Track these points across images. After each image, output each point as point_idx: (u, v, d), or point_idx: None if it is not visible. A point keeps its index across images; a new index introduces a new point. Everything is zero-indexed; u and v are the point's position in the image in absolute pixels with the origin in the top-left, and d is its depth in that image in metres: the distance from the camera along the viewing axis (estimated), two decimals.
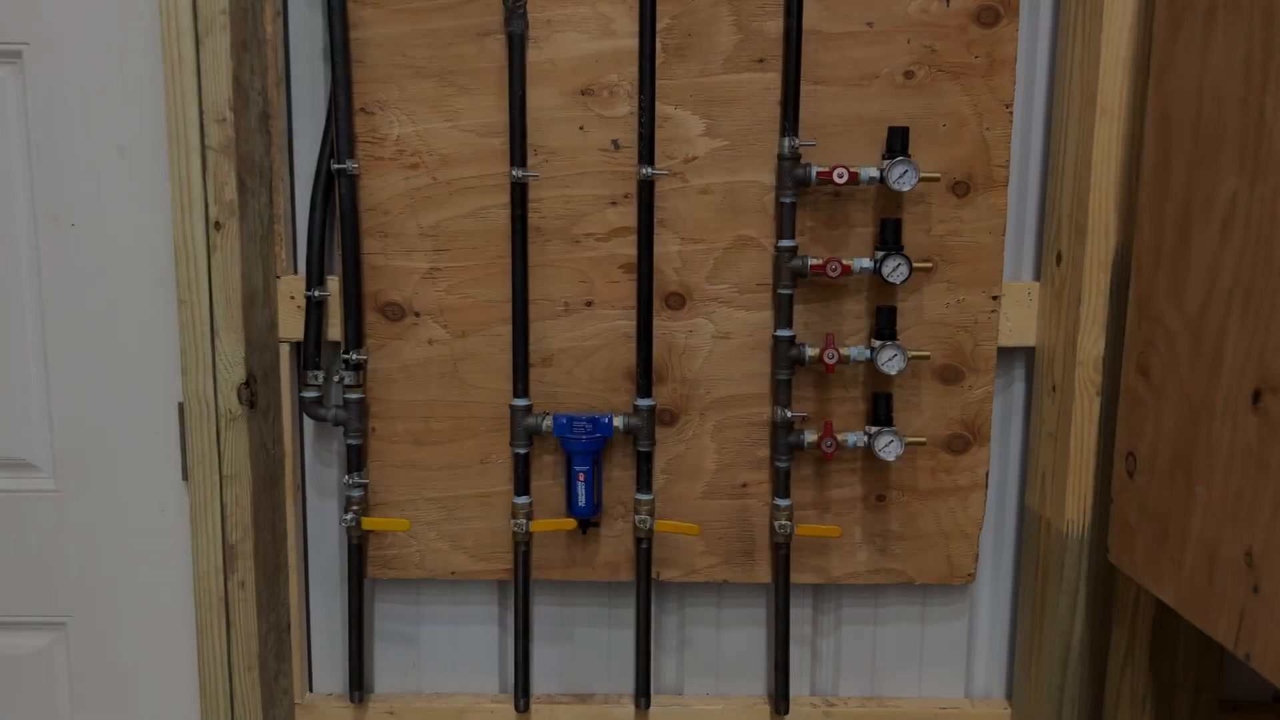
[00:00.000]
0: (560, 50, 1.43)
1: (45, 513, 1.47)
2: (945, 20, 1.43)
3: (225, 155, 1.34)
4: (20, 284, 1.42)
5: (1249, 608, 1.05)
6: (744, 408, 1.51)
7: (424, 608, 1.62)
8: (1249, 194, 1.06)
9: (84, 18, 1.36)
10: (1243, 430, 1.06)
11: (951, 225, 1.47)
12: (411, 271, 1.47)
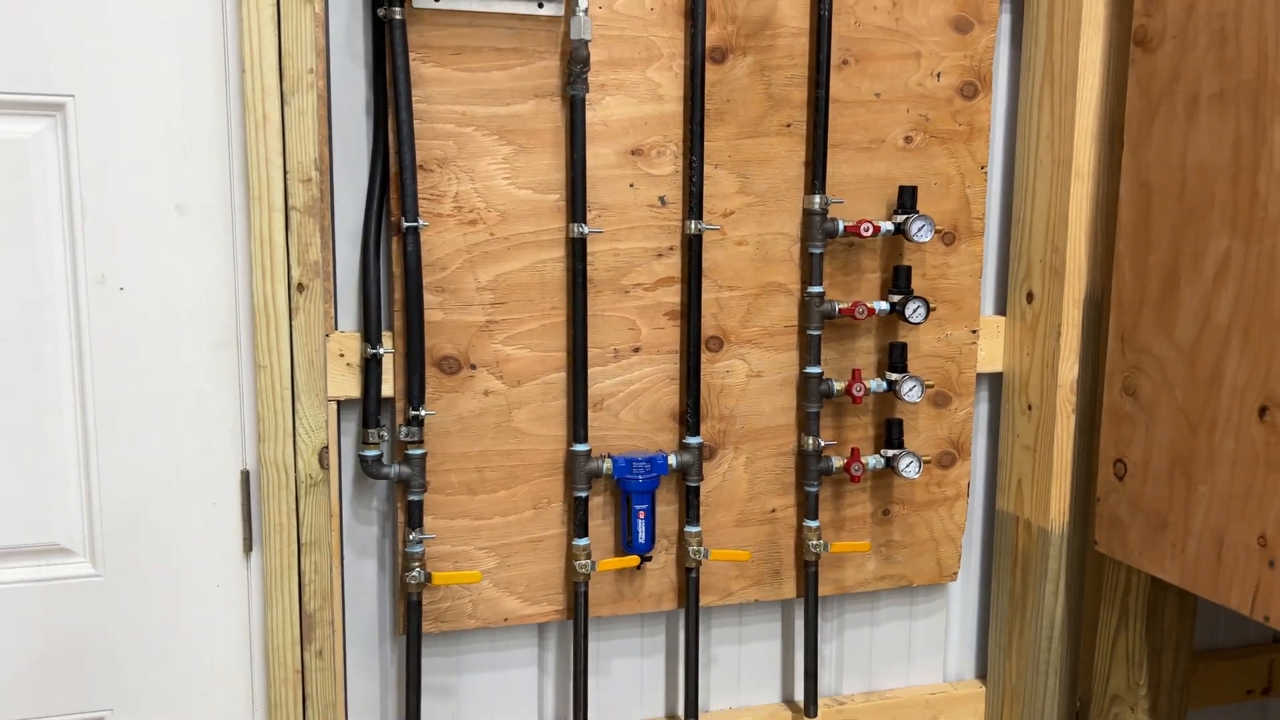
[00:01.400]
0: (613, 112, 1.51)
1: (82, 599, 1.35)
2: (937, 93, 1.64)
3: (310, 216, 1.31)
4: (56, 351, 1.30)
5: (1264, 580, 1.32)
6: (773, 439, 1.65)
7: (464, 657, 1.62)
8: (1244, 251, 1.34)
9: (138, 67, 1.28)
10: (1247, 439, 1.34)
11: (941, 270, 1.69)
12: (469, 325, 1.49)
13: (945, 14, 1.63)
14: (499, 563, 1.56)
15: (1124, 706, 1.64)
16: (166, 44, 1.29)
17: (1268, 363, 1.31)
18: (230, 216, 1.33)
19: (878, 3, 1.59)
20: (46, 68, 1.26)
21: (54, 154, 1.27)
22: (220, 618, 1.40)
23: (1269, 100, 1.30)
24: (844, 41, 1.58)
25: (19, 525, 1.32)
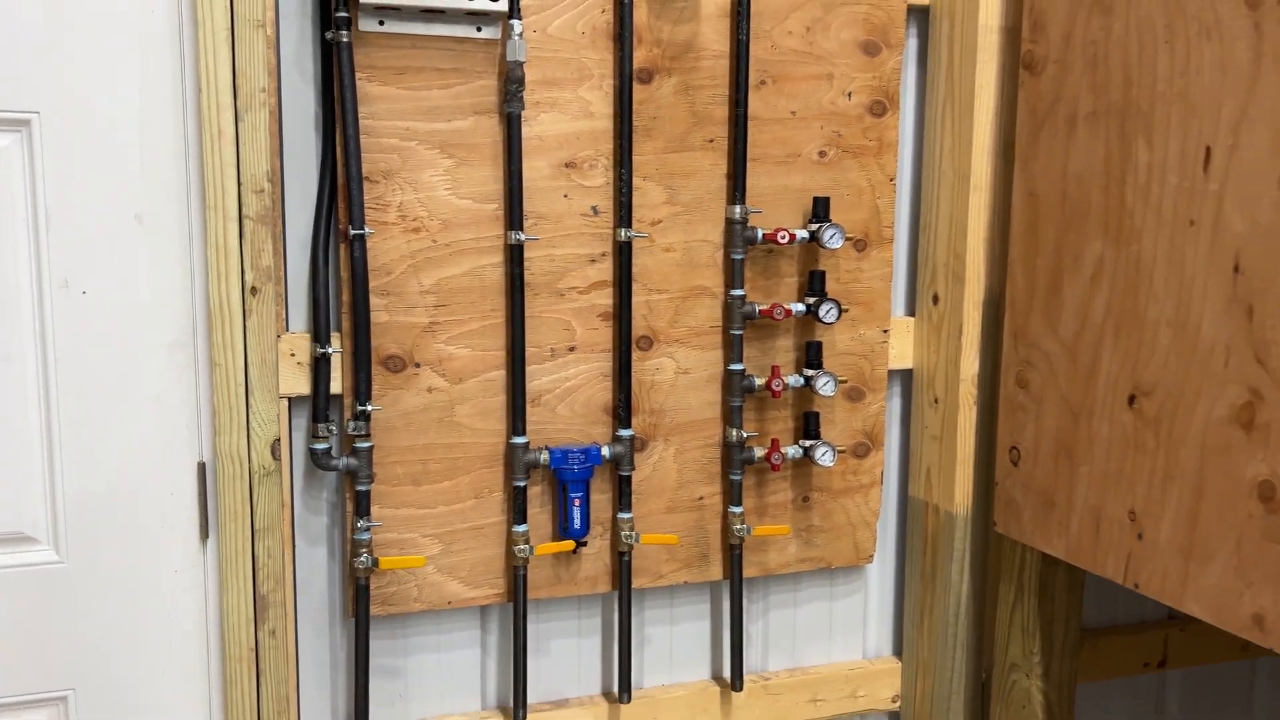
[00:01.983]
0: (547, 128, 1.62)
1: (47, 586, 1.44)
2: (848, 111, 1.78)
3: (262, 224, 1.41)
4: (22, 352, 1.39)
5: (1136, 552, 1.47)
6: (700, 431, 1.78)
7: (410, 639, 1.72)
8: (1115, 255, 1.49)
9: (100, 86, 1.37)
10: (1119, 424, 1.49)
11: (854, 274, 1.83)
12: (413, 326, 1.60)
13: (855, 38, 1.77)
14: (443, 549, 1.66)
15: (1020, 674, 1.79)
16: (127, 64, 1.38)
17: (1135, 355, 1.46)
18: (187, 225, 1.43)
19: (792, 28, 1.73)
20: (13, 86, 1.34)
21: (20, 167, 1.36)
22: (178, 601, 1.49)
23: (1133, 120, 1.45)
24: (762, 64, 1.71)
25: None
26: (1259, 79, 1.27)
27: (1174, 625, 2.19)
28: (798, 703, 1.92)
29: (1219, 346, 1.33)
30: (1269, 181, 1.26)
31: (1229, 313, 1.32)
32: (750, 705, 1.89)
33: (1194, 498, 1.37)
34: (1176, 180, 1.39)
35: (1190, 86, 1.37)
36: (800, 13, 1.73)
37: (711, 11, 1.68)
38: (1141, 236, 1.45)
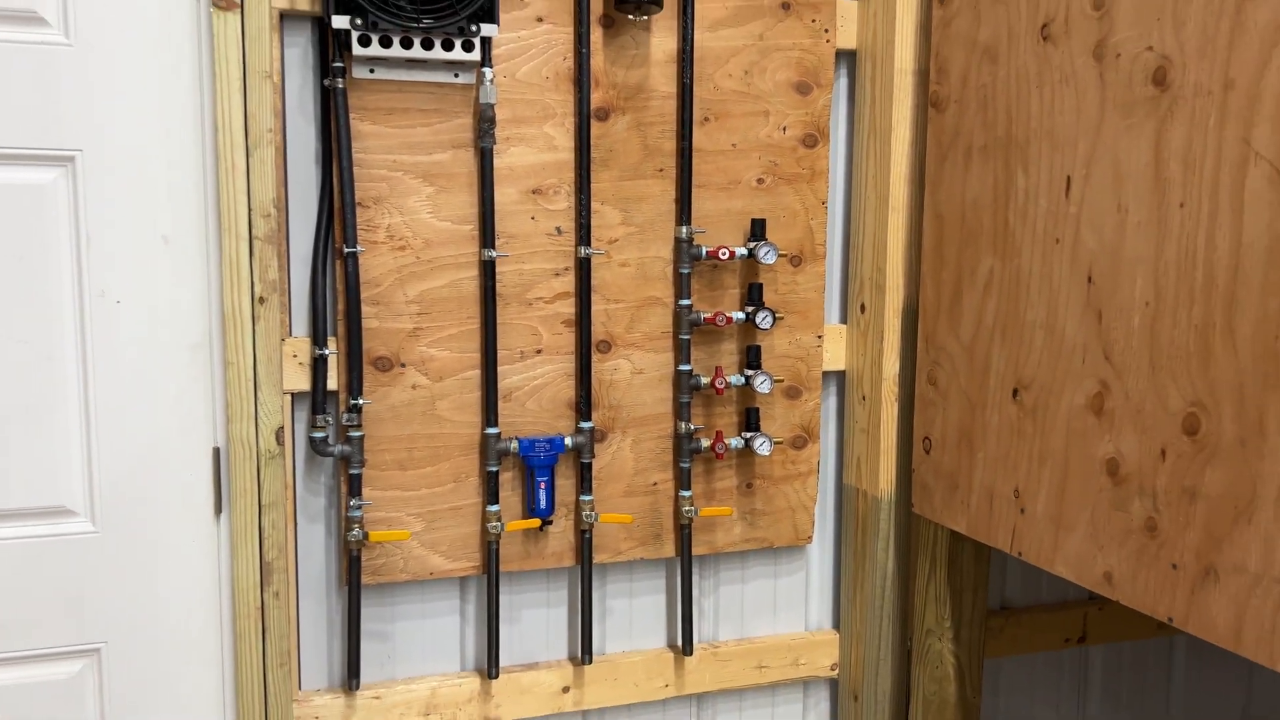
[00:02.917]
0: (516, 160, 1.87)
1: (82, 552, 1.68)
2: (783, 143, 2.03)
3: (269, 243, 1.66)
4: (64, 352, 1.64)
5: (1019, 525, 1.70)
6: (653, 424, 2.02)
7: (397, 607, 1.96)
8: (1001, 268, 1.73)
9: (133, 127, 1.63)
10: (1005, 415, 1.72)
11: (791, 287, 2.07)
12: (399, 331, 1.84)
13: (789, 79, 2.01)
14: (425, 526, 1.90)
15: (934, 639, 2.02)
16: (156, 109, 1.64)
17: (1017, 354, 1.70)
18: (205, 244, 1.68)
19: (732, 71, 1.98)
20: (60, 129, 1.60)
21: (65, 196, 1.61)
22: (195, 566, 1.74)
23: (1014, 152, 1.70)
24: (705, 103, 1.96)
25: (33, 491, 1.64)
26: (1104, 120, 1.51)
27: (1093, 605, 2.42)
28: (745, 669, 2.15)
29: (1078, 345, 1.57)
30: (1111, 206, 1.50)
31: (1084, 317, 1.56)
32: (701, 670, 2.12)
33: (1061, 475, 1.61)
34: (1046, 204, 1.63)
35: (1055, 125, 1.61)
36: (739, 58, 1.98)
37: (660, 58, 1.93)
38: (1021, 252, 1.69)
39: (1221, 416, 1.33)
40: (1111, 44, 1.50)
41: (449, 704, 1.96)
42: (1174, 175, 1.40)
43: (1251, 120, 1.28)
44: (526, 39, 1.85)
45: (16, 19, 1.56)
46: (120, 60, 1.61)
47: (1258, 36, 1.28)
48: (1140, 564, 1.47)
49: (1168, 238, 1.41)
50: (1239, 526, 1.31)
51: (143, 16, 1.61)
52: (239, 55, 1.62)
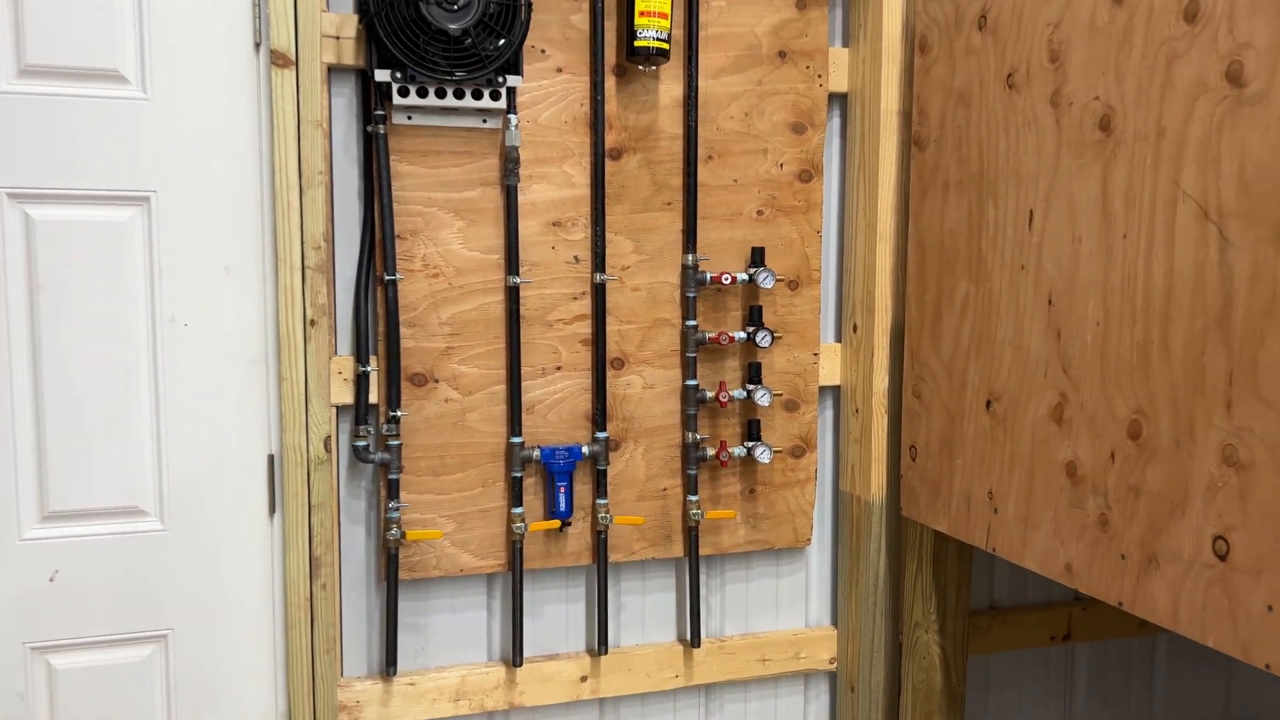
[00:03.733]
0: (538, 195, 2.08)
1: (152, 548, 1.88)
2: (780, 178, 2.22)
3: (319, 272, 1.87)
4: (139, 369, 1.85)
5: (993, 524, 1.88)
6: (663, 435, 2.21)
7: (430, 602, 2.15)
8: (975, 292, 1.92)
9: (200, 171, 1.84)
10: (980, 424, 1.91)
11: (789, 309, 2.26)
12: (433, 350, 2.05)
13: (785, 120, 2.21)
14: (456, 527, 2.10)
15: (922, 631, 2.19)
16: (220, 154, 1.85)
17: (990, 369, 1.88)
18: (262, 273, 1.89)
19: (733, 113, 2.18)
20: (136, 173, 1.81)
21: (141, 231, 1.83)
22: (252, 561, 1.94)
23: (985, 187, 1.89)
24: (708, 142, 2.16)
25: (110, 492, 1.85)
26: (1060, 160, 1.70)
27: (1077, 605, 2.58)
28: (749, 661, 2.33)
29: (1041, 361, 1.75)
30: (1067, 237, 1.69)
31: (1046, 335, 1.74)
32: (709, 662, 2.30)
33: (1028, 478, 1.79)
34: (1012, 234, 1.82)
35: (1019, 163, 1.80)
36: (739, 101, 2.18)
37: (668, 103, 2.13)
38: (992, 277, 1.87)
39: (1159, 422, 1.51)
40: (1065, 93, 1.69)
41: (477, 691, 2.14)
42: (1118, 210, 1.59)
43: (1180, 163, 1.47)
44: (547, 87, 2.06)
45: (102, 77, 1.78)
46: (190, 112, 1.83)
47: (1184, 90, 1.46)
48: (1095, 555, 1.64)
49: (1113, 265, 1.60)
50: (1174, 519, 1.49)
51: (210, 73, 1.83)
52: (294, 107, 1.84)
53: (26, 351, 1.79)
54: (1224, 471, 1.41)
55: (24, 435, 1.80)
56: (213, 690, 1.94)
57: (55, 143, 1.77)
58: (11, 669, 1.83)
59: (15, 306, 1.78)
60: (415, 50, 1.87)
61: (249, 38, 1.85)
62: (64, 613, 1.85)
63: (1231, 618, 1.40)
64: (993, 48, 1.86)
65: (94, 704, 1.88)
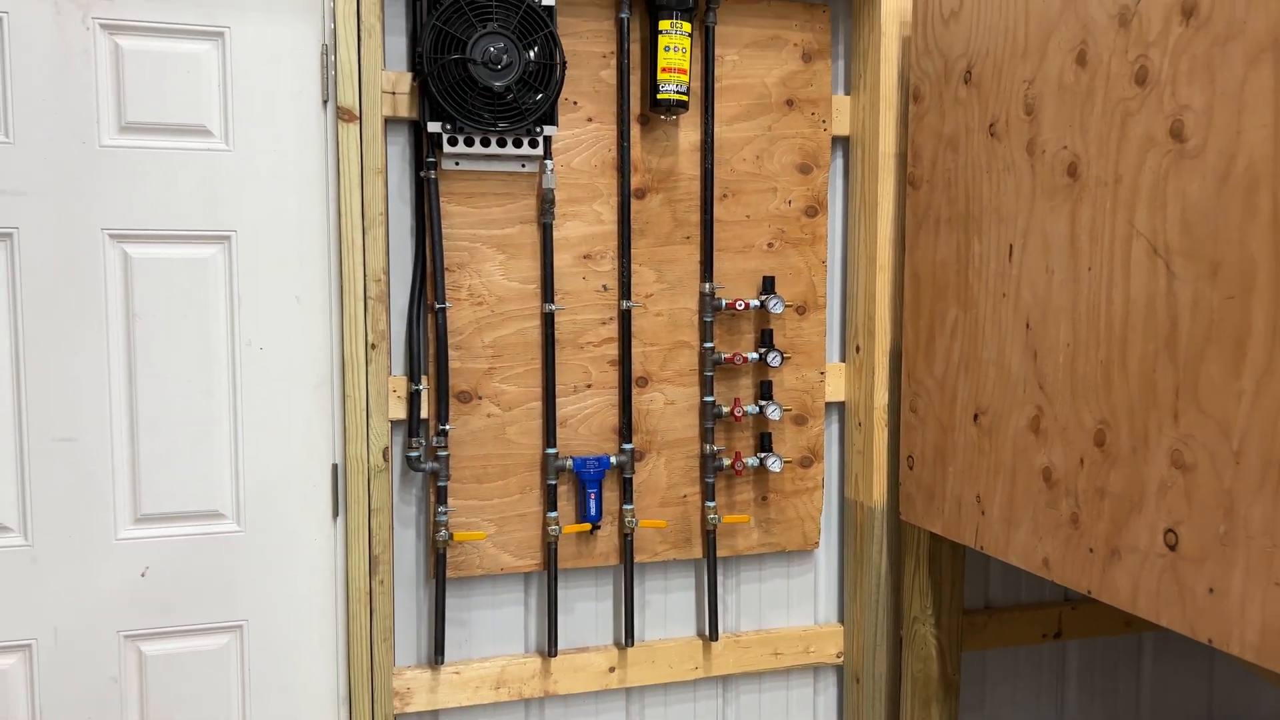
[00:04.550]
0: (571, 231, 2.32)
1: (230, 547, 2.12)
2: (789, 214, 2.46)
3: (380, 302, 2.11)
4: (220, 388, 2.09)
5: (980, 524, 2.10)
6: (683, 447, 2.43)
7: (473, 598, 2.38)
8: (964, 317, 2.14)
9: (275, 213, 2.09)
10: (969, 435, 2.13)
11: (797, 331, 2.49)
12: (477, 370, 2.28)
13: (793, 161, 2.45)
14: (497, 529, 2.32)
15: (920, 625, 2.40)
16: (292, 199, 2.10)
17: (976, 386, 2.10)
18: (329, 303, 2.13)
19: (746, 156, 2.41)
20: (220, 214, 2.06)
21: (223, 266, 2.07)
22: (317, 560, 2.17)
23: (971, 224, 2.11)
24: (723, 183, 2.40)
25: (194, 497, 2.09)
26: (1035, 202, 1.93)
27: (1067, 605, 2.78)
28: (763, 655, 2.55)
29: (1020, 378, 1.97)
30: (1042, 269, 1.91)
31: (1024, 355, 1.96)
32: (725, 655, 2.52)
33: (1010, 483, 2.01)
34: (995, 266, 2.05)
35: (1000, 203, 2.03)
36: (751, 145, 2.41)
37: (686, 147, 2.37)
38: (978, 304, 2.10)
39: (1120, 432, 1.73)
40: (1039, 142, 1.92)
41: (515, 679, 2.37)
42: (1084, 246, 1.81)
43: (1134, 206, 1.70)
44: (579, 135, 2.30)
45: (190, 132, 2.03)
46: (266, 161, 2.08)
47: (1136, 143, 1.69)
48: (1068, 550, 1.86)
49: (1080, 294, 1.82)
50: (1133, 516, 1.71)
51: (284, 127, 2.08)
52: (358, 156, 2.08)
53: (124, 373, 2.03)
54: (1173, 473, 1.62)
55: (120, 447, 2.04)
56: (282, 675, 2.17)
57: (150, 189, 2.02)
58: (107, 654, 2.07)
59: (114, 333, 2.02)
60: (464, 105, 2.11)
61: (318, 95, 2.10)
62: (153, 604, 2.08)
63: (1180, 600, 1.62)
64: (977, 100, 2.09)
65: (178, 687, 2.11)
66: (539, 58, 2.15)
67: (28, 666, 2.03)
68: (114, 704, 2.08)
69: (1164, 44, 1.63)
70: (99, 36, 1.97)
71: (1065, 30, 1.84)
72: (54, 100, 1.96)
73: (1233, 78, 1.51)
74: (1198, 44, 1.57)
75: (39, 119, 1.95)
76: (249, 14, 2.05)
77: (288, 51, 2.07)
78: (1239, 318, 1.50)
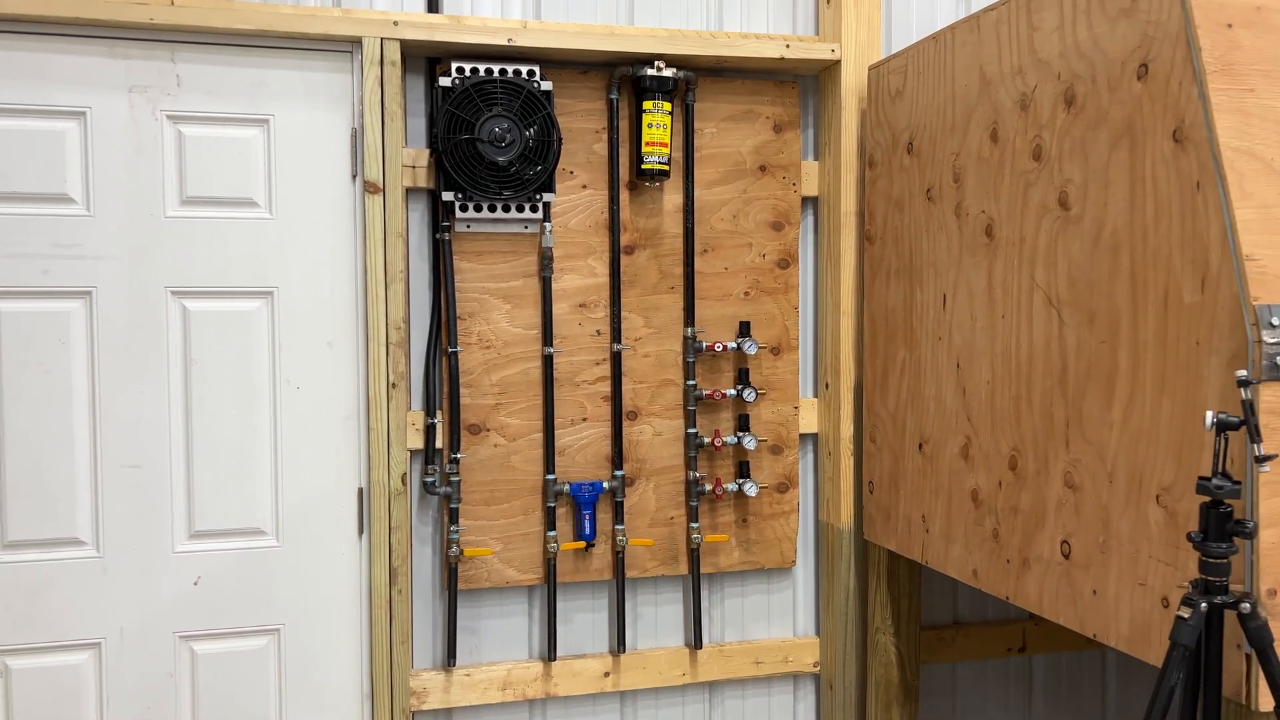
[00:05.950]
0: (568, 283, 2.64)
1: (270, 560, 2.44)
2: (763, 266, 2.76)
3: (400, 347, 2.45)
4: (263, 423, 2.43)
5: (925, 541, 2.37)
6: (670, 474, 2.73)
7: (482, 609, 2.68)
8: (910, 357, 2.43)
9: (310, 272, 2.44)
10: (915, 462, 2.40)
11: (773, 370, 2.78)
12: (485, 405, 2.60)
13: (766, 220, 2.76)
14: (503, 547, 2.63)
15: (881, 634, 2.66)
16: (326, 259, 2.44)
17: (920, 418, 2.38)
18: (356, 347, 2.47)
19: (723, 216, 2.73)
20: (264, 273, 2.41)
21: (266, 319, 2.42)
22: (344, 572, 2.49)
23: (914, 276, 2.40)
24: (703, 239, 2.72)
25: (240, 516, 2.42)
26: (962, 257, 2.22)
27: (1030, 621, 3.02)
28: (745, 664, 2.82)
29: (953, 411, 2.25)
30: (968, 316, 2.20)
31: (956, 391, 2.24)
32: (711, 663, 2.79)
33: (947, 503, 2.28)
34: (933, 313, 2.33)
35: (937, 258, 2.32)
36: (728, 206, 2.73)
37: (670, 209, 2.69)
38: (920, 346, 2.38)
39: (1028, 457, 2.00)
40: (964, 206, 2.21)
41: (520, 682, 2.66)
42: (998, 296, 2.10)
43: (1034, 263, 1.98)
44: (575, 200, 2.63)
45: (240, 203, 2.39)
46: (303, 227, 2.43)
47: (1034, 209, 1.98)
48: (991, 562, 2.13)
49: (997, 338, 2.10)
50: (1038, 530, 1.97)
51: (318, 199, 2.43)
52: (381, 222, 2.43)
53: (181, 409, 2.38)
54: (1066, 492, 1.90)
55: (178, 472, 2.38)
56: (314, 672, 2.48)
57: (205, 253, 2.38)
58: (164, 653, 2.40)
59: (174, 375, 2.37)
60: (473, 177, 2.45)
61: (348, 171, 2.45)
62: (204, 609, 2.41)
63: (1073, 601, 1.88)
64: (917, 168, 2.40)
65: (224, 681, 2.43)
66: (538, 136, 2.49)
67: (97, 662, 2.37)
68: (170, 696, 2.41)
69: (1053, 126, 1.93)
70: (165, 125, 2.34)
71: (982, 111, 2.14)
72: (127, 179, 2.33)
73: (1100, 157, 1.80)
74: (1076, 128, 1.87)
75: (114, 195, 2.32)
76: (290, 104, 2.41)
77: (322, 135, 2.43)
78: (1109, 359, 1.78)
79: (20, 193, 2.28)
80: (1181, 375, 1.62)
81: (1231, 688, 1.53)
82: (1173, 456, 1.65)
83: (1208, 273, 1.57)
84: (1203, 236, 1.58)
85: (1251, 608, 1.42)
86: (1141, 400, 1.71)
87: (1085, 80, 1.84)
